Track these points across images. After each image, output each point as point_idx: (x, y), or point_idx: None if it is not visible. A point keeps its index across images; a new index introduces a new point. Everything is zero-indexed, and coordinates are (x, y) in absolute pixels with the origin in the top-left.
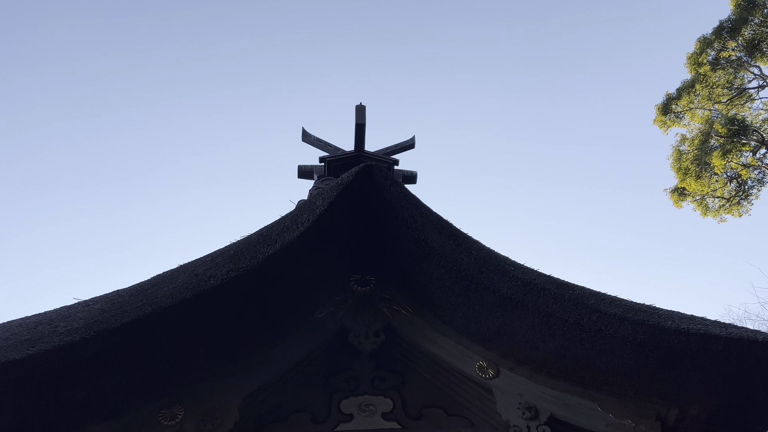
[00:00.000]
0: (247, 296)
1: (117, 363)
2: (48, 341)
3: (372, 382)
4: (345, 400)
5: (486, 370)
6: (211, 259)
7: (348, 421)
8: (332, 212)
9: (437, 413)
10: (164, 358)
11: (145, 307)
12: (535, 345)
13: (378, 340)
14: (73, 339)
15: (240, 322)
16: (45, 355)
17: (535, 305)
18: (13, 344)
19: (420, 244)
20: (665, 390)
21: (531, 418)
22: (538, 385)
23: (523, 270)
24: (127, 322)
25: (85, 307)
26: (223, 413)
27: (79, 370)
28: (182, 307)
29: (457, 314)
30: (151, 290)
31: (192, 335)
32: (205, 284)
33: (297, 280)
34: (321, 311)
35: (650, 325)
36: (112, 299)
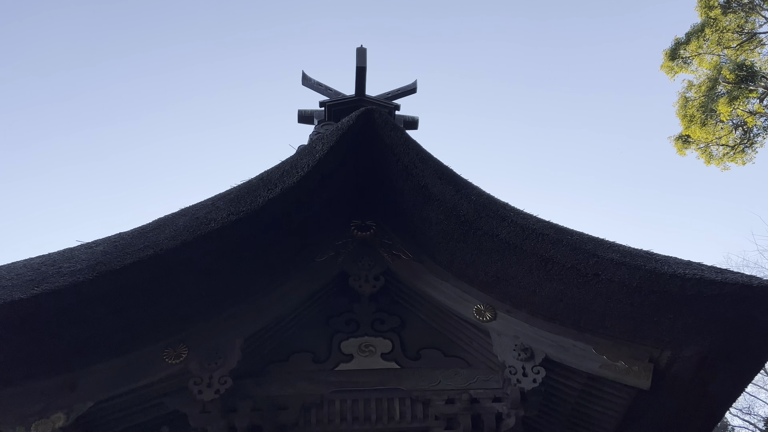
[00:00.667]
0: (247, 240)
1: (120, 303)
2: (52, 282)
3: (372, 324)
4: (345, 341)
5: (483, 314)
6: (211, 203)
7: (348, 361)
8: (332, 157)
9: (435, 354)
10: (167, 299)
11: (147, 249)
12: (533, 289)
13: (378, 284)
14: (76, 279)
15: (241, 265)
16: (50, 295)
17: (534, 250)
18: (18, 284)
19: (420, 190)
20: (659, 333)
21: (526, 359)
22: (534, 327)
23: (522, 215)
24: (129, 264)
25: (87, 249)
26: (226, 353)
27: (83, 309)
28: (183, 250)
29: (455, 259)
30: (152, 233)
31: (194, 277)
32: (205, 227)
33: (297, 224)
34: (321, 255)
35: (647, 270)
36: (114, 241)
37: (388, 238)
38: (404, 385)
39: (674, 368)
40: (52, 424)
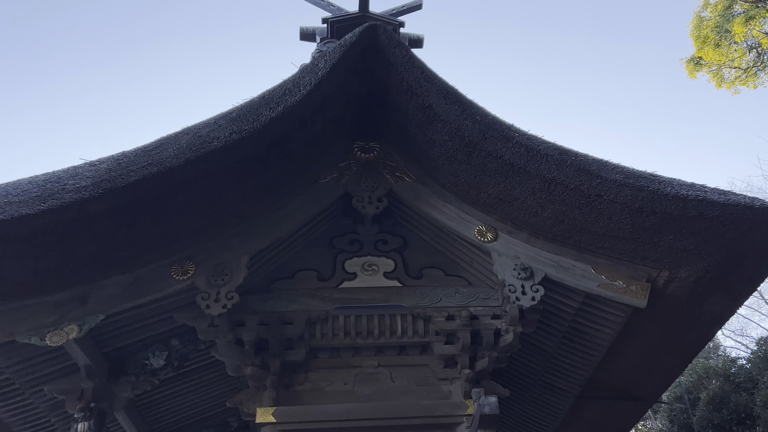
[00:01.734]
0: (250, 159)
1: (126, 220)
2: (58, 198)
3: (375, 244)
4: (349, 261)
5: (485, 234)
6: (214, 121)
7: (352, 280)
8: (335, 75)
9: (436, 273)
10: (172, 217)
11: (151, 167)
12: (535, 210)
13: (381, 205)
14: (82, 196)
15: (245, 185)
16: (56, 210)
17: (538, 171)
18: (25, 200)
19: (424, 110)
20: (657, 254)
21: (526, 278)
22: (534, 248)
23: (527, 136)
24: (134, 181)
25: (91, 167)
26: (233, 270)
27: (90, 225)
28: (187, 168)
29: (459, 181)
30: (155, 151)
31: (198, 195)
32: (208, 145)
33: (300, 144)
34: (325, 176)
35: (650, 191)
36: (118, 159)
37: (391, 159)
38: (406, 302)
39: (671, 288)
40: (66, 335)
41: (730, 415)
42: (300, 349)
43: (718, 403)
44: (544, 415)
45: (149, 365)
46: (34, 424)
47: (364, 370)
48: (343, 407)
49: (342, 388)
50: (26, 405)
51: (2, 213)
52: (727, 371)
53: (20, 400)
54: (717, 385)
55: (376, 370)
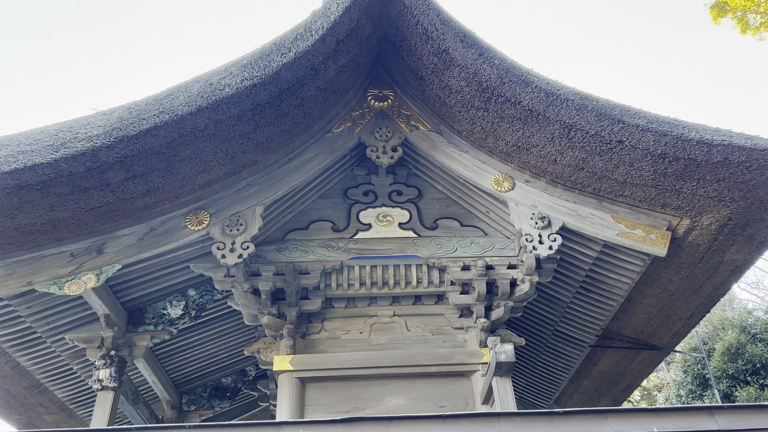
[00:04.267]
0: (262, 107)
1: (139, 168)
2: (70, 146)
3: (389, 195)
4: (363, 211)
5: (501, 183)
6: (225, 68)
7: (366, 230)
8: (347, 18)
9: (452, 224)
10: (186, 166)
11: (162, 115)
12: (553, 158)
13: (395, 155)
14: (94, 145)
15: (257, 133)
16: (69, 159)
17: (557, 116)
18: (37, 149)
19: (440, 54)
20: (679, 201)
21: (543, 228)
22: (552, 197)
23: (546, 81)
24: (145, 129)
25: (103, 116)
26: (248, 220)
27: (103, 174)
28: (199, 116)
29: (475, 128)
30: (166, 99)
31: (211, 145)
32: (219, 93)
33: (313, 92)
34: (338, 126)
35: (673, 136)
36: (129, 108)
37: (406, 108)
38: (421, 253)
39: (692, 236)
40: (84, 284)
41: (745, 366)
42: (316, 299)
43: (734, 353)
44: (558, 364)
45: (167, 315)
46: (57, 372)
47: (380, 320)
48: (359, 355)
49: (358, 337)
50: (48, 353)
51: (15, 162)
52: (744, 322)
53: (42, 348)
54: (733, 336)
55: (392, 320)
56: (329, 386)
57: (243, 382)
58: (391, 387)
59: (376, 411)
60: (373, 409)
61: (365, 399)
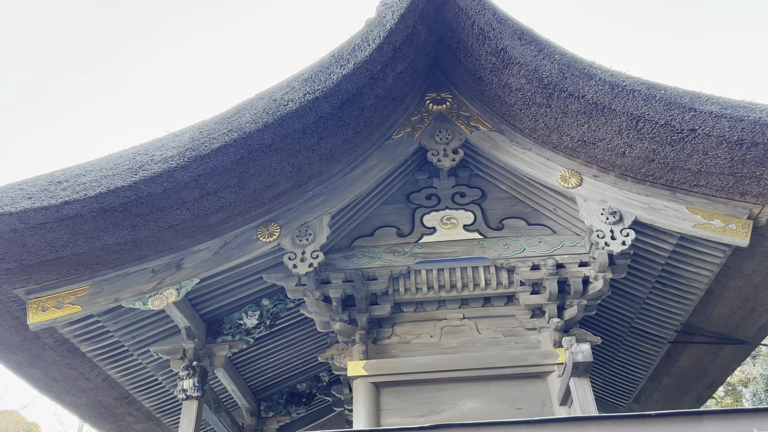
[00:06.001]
0: (325, 119)
1: (212, 186)
2: (148, 169)
3: (452, 197)
4: (427, 215)
5: (568, 180)
6: (287, 84)
7: (431, 234)
8: (403, 25)
9: (518, 223)
10: (255, 181)
11: (231, 133)
12: (622, 151)
13: (457, 157)
14: (170, 165)
15: (321, 145)
16: (147, 181)
17: (624, 108)
18: (118, 173)
19: (498, 54)
20: (760, 188)
21: (615, 223)
22: (622, 191)
23: (610, 73)
24: (217, 148)
25: (175, 138)
26: (316, 230)
27: (179, 193)
28: (265, 132)
29: (538, 125)
30: (234, 117)
31: (278, 158)
32: (284, 108)
33: (372, 100)
34: (398, 132)
35: (750, 121)
36: (199, 128)
37: (465, 109)
38: (488, 254)
39: None
40: (166, 299)
41: None
42: (385, 304)
43: None
44: (636, 361)
45: (243, 325)
46: (143, 383)
47: (450, 323)
48: (431, 359)
49: (428, 341)
50: (135, 365)
51: (99, 186)
52: None
53: (130, 361)
54: None
55: (462, 322)
56: (403, 390)
57: (317, 387)
58: (464, 390)
59: (451, 414)
60: (448, 412)
61: (439, 403)
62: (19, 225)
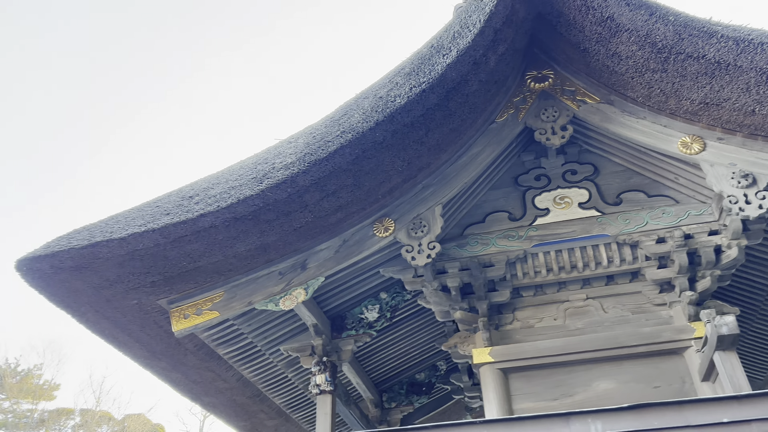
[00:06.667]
0: (432, 110)
1: (331, 187)
2: (272, 176)
3: (563, 176)
4: (538, 196)
5: (690, 146)
6: (389, 80)
7: (545, 215)
8: (502, 7)
9: (637, 196)
10: (369, 179)
11: (345, 135)
12: (751, 109)
13: (566, 134)
14: (292, 171)
15: (428, 136)
16: (272, 188)
17: (752, 64)
18: (244, 183)
19: (604, 23)
20: None
21: (748, 186)
22: (752, 151)
23: (732, 28)
24: (333, 150)
25: (289, 144)
26: (429, 221)
27: (301, 197)
28: (377, 129)
29: (653, 92)
30: (343, 119)
31: (389, 155)
32: (392, 104)
33: (476, 86)
34: (501, 115)
35: None
36: (311, 133)
37: (569, 84)
38: (608, 231)
39: None
40: (295, 298)
41: None
42: (504, 290)
43: None
44: None
45: (365, 319)
46: (274, 381)
47: (573, 304)
48: (558, 342)
49: (552, 324)
50: (266, 364)
51: (229, 197)
52: None
53: (261, 360)
54: None
55: (586, 303)
56: (532, 375)
57: (436, 376)
58: (597, 371)
59: (585, 396)
60: (582, 395)
61: (572, 385)
62: (161, 240)
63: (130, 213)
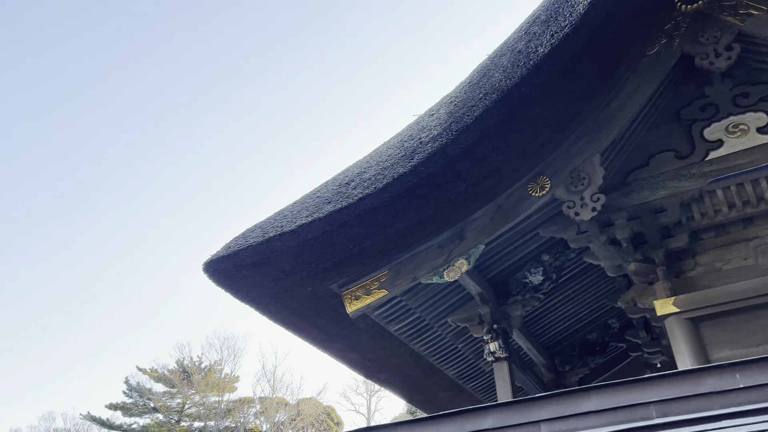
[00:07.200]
0: (578, 55)
1: (481, 153)
2: (421, 151)
3: (733, 101)
4: (707, 129)
5: None
6: (524, 32)
7: (717, 148)
8: None
9: None
10: (518, 139)
11: (488, 96)
12: None
13: (732, 54)
14: (441, 143)
15: (577, 82)
16: (425, 162)
17: None
18: (395, 162)
19: None
20: None
21: None
22: None
23: None
24: (479, 114)
25: (431, 117)
26: (589, 172)
27: (453, 167)
28: (522, 85)
29: None
30: (482, 81)
31: (536, 109)
32: (534, 56)
33: (621, 20)
34: (652, 47)
35: None
36: (450, 101)
37: None
38: None
39: None
40: (459, 269)
41: None
42: (680, 235)
43: None
44: None
45: (529, 283)
46: (445, 354)
47: (763, 240)
48: (752, 283)
49: (742, 264)
50: (436, 337)
51: (384, 178)
52: None
53: (431, 334)
54: None
55: None
56: (726, 322)
57: (608, 335)
58: None
59: None
60: None
61: None
62: (327, 227)
63: (294, 206)
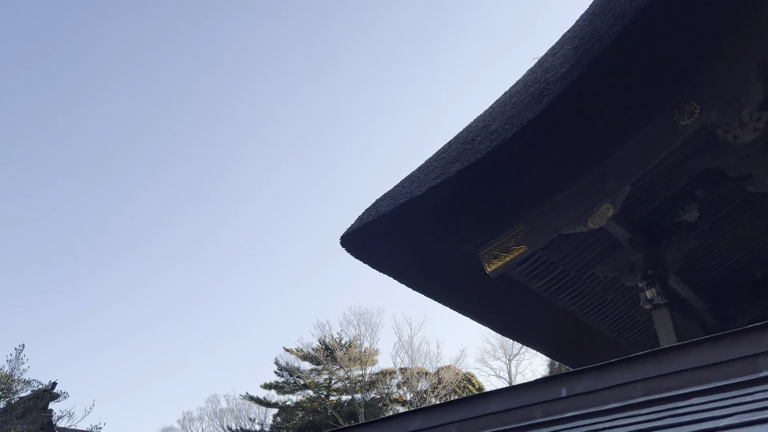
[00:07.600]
0: None
1: (616, 85)
2: (550, 92)
3: None
4: None
5: None
6: None
7: None
8: None
9: None
10: (654, 64)
11: (619, 21)
12: None
13: None
14: (571, 79)
15: None
16: (554, 103)
17: None
18: (522, 108)
19: None
20: None
21: None
22: None
23: None
24: (611, 41)
25: (554, 56)
26: (746, 88)
27: (585, 105)
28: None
29: None
30: (608, 7)
31: (675, 29)
32: None
33: None
34: None
35: None
36: (573, 38)
37: None
38: None
39: None
40: (603, 215)
41: None
42: None
43: None
44: None
45: (683, 222)
46: (593, 306)
47: None
48: None
49: None
50: (582, 291)
51: (512, 127)
52: None
53: (576, 288)
54: None
55: None
56: None
57: None
58: None
59: None
60: None
61: None
62: (456, 187)
63: (419, 171)
